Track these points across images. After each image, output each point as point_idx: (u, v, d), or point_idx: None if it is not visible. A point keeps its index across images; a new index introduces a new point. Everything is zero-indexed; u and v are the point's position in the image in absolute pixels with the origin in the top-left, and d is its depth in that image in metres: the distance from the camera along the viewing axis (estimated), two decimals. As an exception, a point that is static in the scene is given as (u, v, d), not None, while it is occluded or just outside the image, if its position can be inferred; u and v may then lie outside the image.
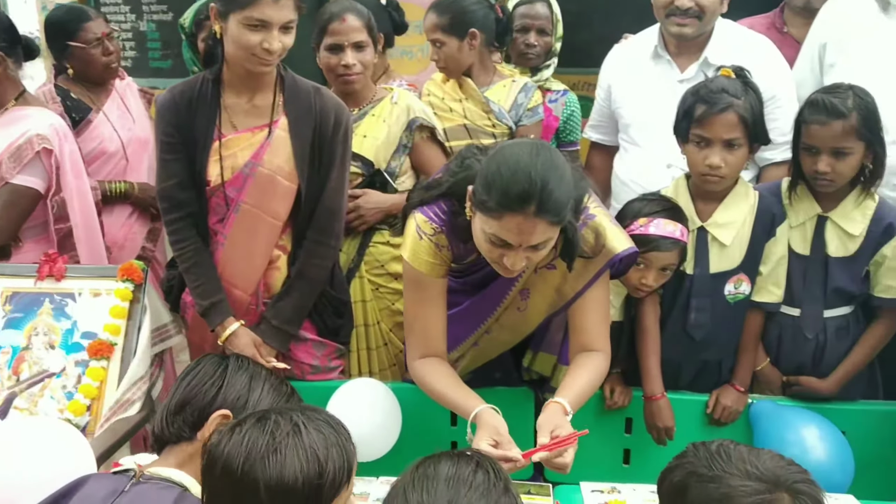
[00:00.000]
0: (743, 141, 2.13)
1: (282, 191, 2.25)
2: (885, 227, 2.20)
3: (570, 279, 1.98)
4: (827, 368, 2.29)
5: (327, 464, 1.20)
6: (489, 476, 1.12)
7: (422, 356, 2.01)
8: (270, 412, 1.25)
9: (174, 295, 2.45)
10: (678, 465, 1.17)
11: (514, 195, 1.66)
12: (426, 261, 1.96)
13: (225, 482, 1.19)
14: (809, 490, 1.09)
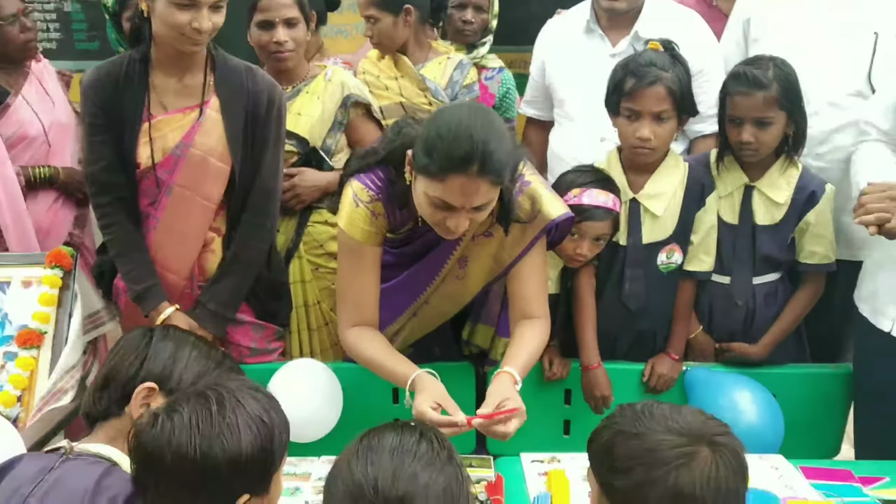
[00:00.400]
0: (671, 113, 2.17)
1: (214, 172, 2.21)
2: (809, 194, 2.27)
3: (507, 246, 2.00)
4: (757, 334, 2.36)
5: (274, 427, 1.24)
6: (433, 446, 1.13)
7: (354, 325, 2.01)
8: (203, 390, 1.25)
9: (106, 281, 2.39)
10: (606, 426, 1.20)
11: (457, 157, 1.68)
12: (362, 228, 1.96)
13: (181, 468, 1.18)
14: (728, 442, 1.13)
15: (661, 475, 1.09)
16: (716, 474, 1.09)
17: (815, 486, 1.88)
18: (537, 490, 1.84)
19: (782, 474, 1.93)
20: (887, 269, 2.14)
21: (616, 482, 1.13)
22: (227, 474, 1.18)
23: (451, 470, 1.12)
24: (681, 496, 1.08)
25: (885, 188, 1.96)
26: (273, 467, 1.25)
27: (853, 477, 1.94)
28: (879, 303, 2.16)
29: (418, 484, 1.07)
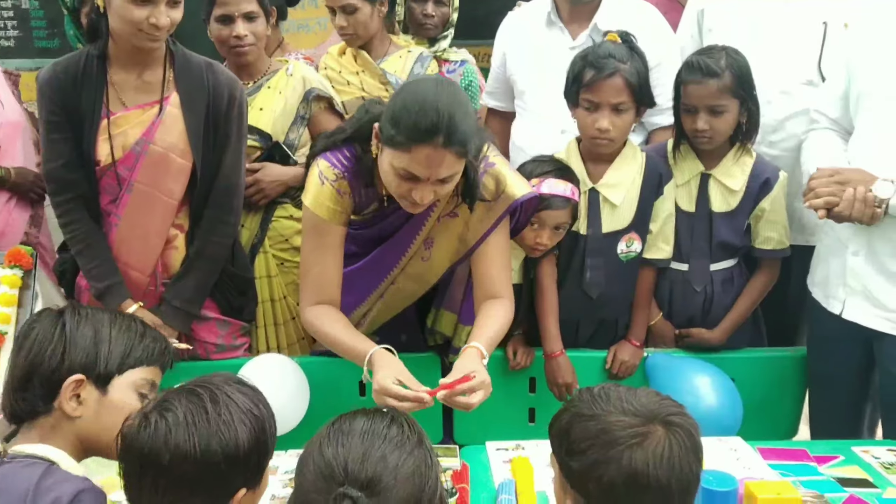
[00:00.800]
0: (630, 105, 2.20)
1: (176, 168, 2.21)
2: (763, 181, 2.32)
3: (472, 226, 2.04)
4: (715, 319, 2.41)
5: (264, 419, 1.25)
6: (403, 430, 1.15)
7: (315, 303, 2.02)
8: (194, 388, 1.24)
9: (68, 279, 2.38)
10: (566, 410, 1.23)
11: (423, 127, 1.72)
12: (327, 206, 1.98)
13: (180, 467, 1.18)
14: (682, 422, 1.16)
15: (615, 455, 1.11)
16: (669, 453, 1.12)
17: (773, 467, 1.93)
18: (502, 477, 1.87)
19: (740, 456, 1.98)
20: (836, 253, 2.19)
21: (573, 463, 1.15)
22: (226, 470, 1.19)
23: (421, 453, 1.13)
24: (635, 475, 1.10)
25: (832, 173, 2.02)
26: (267, 458, 1.26)
27: (809, 456, 1.99)
28: (829, 287, 2.22)
29: (387, 465, 1.08)
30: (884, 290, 2.09)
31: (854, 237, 2.12)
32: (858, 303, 2.13)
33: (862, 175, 2.00)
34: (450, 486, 1.76)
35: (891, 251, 2.07)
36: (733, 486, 1.69)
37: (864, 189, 1.95)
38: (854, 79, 2.16)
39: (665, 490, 1.11)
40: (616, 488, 1.11)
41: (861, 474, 1.91)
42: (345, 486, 1.06)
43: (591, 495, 1.14)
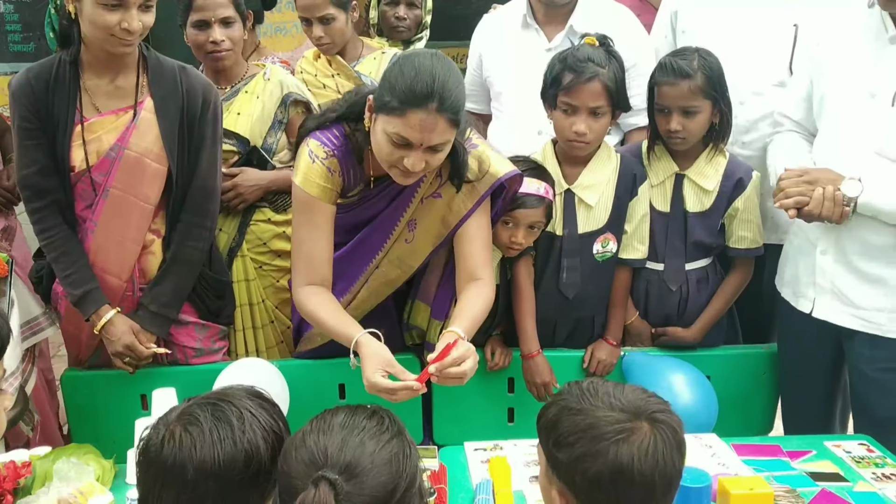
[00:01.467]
0: (606, 109, 2.22)
1: (151, 173, 2.20)
2: (736, 181, 2.35)
3: (454, 207, 2.07)
4: (691, 318, 2.44)
5: (283, 434, 1.27)
6: (383, 422, 1.19)
7: (307, 283, 2.05)
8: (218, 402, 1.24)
9: (45, 286, 2.36)
10: (554, 403, 1.25)
11: (418, 91, 1.77)
12: (318, 184, 2.01)
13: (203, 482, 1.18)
14: (667, 419, 1.18)
15: (602, 449, 1.14)
16: (654, 449, 1.14)
17: (746, 462, 1.96)
18: (480, 477, 1.88)
19: (715, 452, 2.01)
20: (805, 252, 2.23)
21: (560, 455, 1.18)
22: (247, 486, 1.21)
23: (399, 443, 1.17)
24: (620, 469, 1.13)
25: (801, 173, 2.05)
26: None
27: (782, 452, 2.02)
28: (799, 286, 2.25)
29: (364, 451, 1.12)
30: (853, 288, 2.12)
31: (823, 236, 2.15)
32: (828, 301, 2.17)
33: (830, 174, 2.03)
34: (428, 487, 1.77)
35: (859, 249, 2.10)
36: (707, 483, 1.71)
37: (832, 188, 1.99)
38: (817, 81, 2.19)
39: (649, 484, 1.14)
40: (601, 481, 1.13)
41: (833, 468, 1.94)
42: (324, 469, 1.10)
43: (577, 487, 1.16)
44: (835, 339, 2.23)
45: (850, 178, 2.00)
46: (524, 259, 2.33)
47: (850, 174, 2.02)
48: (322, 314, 2.02)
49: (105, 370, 2.33)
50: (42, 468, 1.81)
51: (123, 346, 2.21)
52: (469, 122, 2.01)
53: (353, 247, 2.15)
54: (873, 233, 2.07)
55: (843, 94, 2.11)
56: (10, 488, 1.75)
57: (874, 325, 2.11)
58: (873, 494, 1.83)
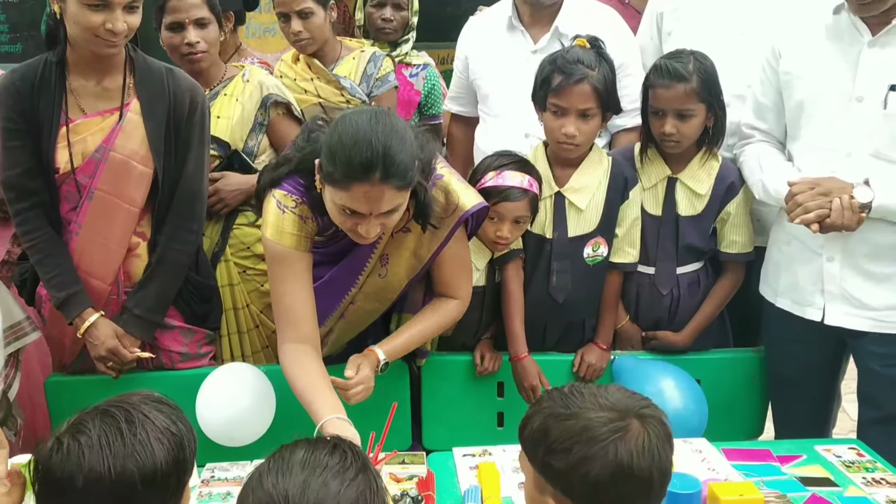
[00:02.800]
0: (596, 111, 2.21)
1: (137, 176, 2.18)
2: (729, 185, 2.34)
3: (425, 241, 2.03)
4: (681, 322, 2.43)
5: (182, 436, 1.22)
6: (346, 457, 1.12)
7: (290, 341, 1.98)
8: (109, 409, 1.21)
9: (28, 289, 2.33)
10: (536, 412, 1.23)
11: (358, 164, 1.69)
12: (291, 234, 1.94)
13: (95, 491, 1.15)
14: (654, 413, 1.19)
15: (601, 450, 1.13)
16: (648, 444, 1.15)
17: (737, 467, 1.95)
18: (468, 483, 1.86)
19: (705, 457, 2.00)
20: (805, 261, 2.21)
21: (555, 462, 1.16)
22: (144, 490, 1.16)
23: (365, 479, 1.11)
24: (620, 467, 1.13)
25: (811, 185, 2.04)
26: (186, 476, 1.24)
27: (772, 456, 2.01)
28: (802, 295, 2.22)
29: (329, 492, 1.05)
30: (864, 291, 2.12)
31: (827, 243, 2.14)
32: (839, 307, 2.16)
33: (838, 183, 2.02)
34: (416, 494, 1.76)
35: (867, 251, 2.10)
36: (696, 489, 1.71)
37: (848, 197, 1.98)
38: (788, 90, 2.19)
39: (647, 479, 1.15)
40: (602, 482, 1.13)
41: (823, 473, 1.94)
42: None
43: (576, 492, 1.15)
44: (836, 341, 2.23)
45: (859, 184, 2.00)
46: (514, 262, 2.32)
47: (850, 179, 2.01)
48: (298, 383, 1.91)
49: (89, 375, 2.30)
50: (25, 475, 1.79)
51: (107, 350, 2.18)
52: (434, 153, 1.94)
53: (323, 284, 2.09)
54: (880, 233, 2.07)
55: (825, 100, 2.11)
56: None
57: (887, 324, 2.11)
58: (863, 499, 1.82)
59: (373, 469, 1.14)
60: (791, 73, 2.17)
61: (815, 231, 2.01)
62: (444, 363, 2.41)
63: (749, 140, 2.34)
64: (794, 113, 2.19)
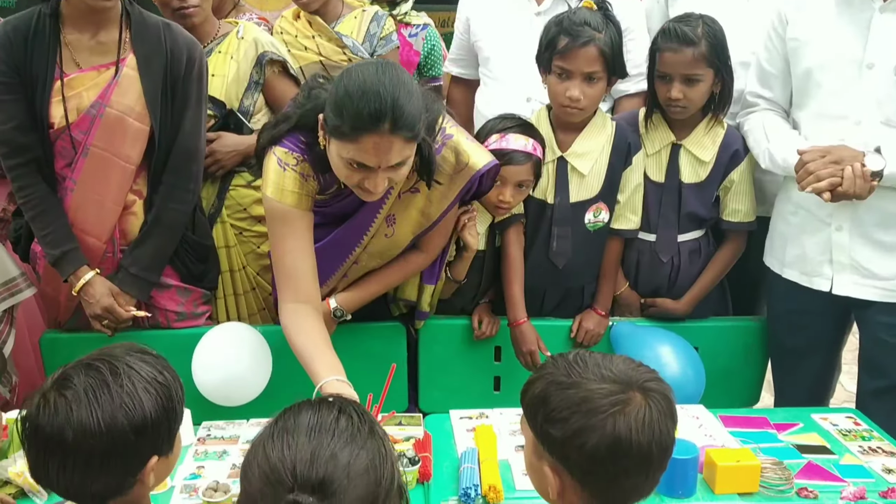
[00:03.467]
0: (602, 74, 2.18)
1: (133, 132, 2.14)
2: (733, 153, 2.32)
3: (434, 200, 2.01)
4: (681, 289, 2.42)
5: (170, 386, 1.22)
6: (353, 420, 1.07)
7: (291, 301, 1.95)
8: (93, 363, 1.20)
9: (23, 245, 2.30)
10: (539, 377, 1.21)
11: (367, 115, 1.66)
12: (292, 192, 1.91)
13: (86, 444, 1.14)
14: (658, 387, 1.16)
15: (598, 422, 1.11)
16: (650, 418, 1.12)
17: (733, 434, 1.95)
18: (465, 446, 1.86)
19: (702, 423, 2.00)
20: (812, 230, 2.19)
21: (552, 431, 1.14)
22: (136, 440, 1.16)
23: (374, 444, 1.06)
24: (618, 441, 1.11)
25: (823, 153, 2.01)
26: (177, 424, 1.24)
27: (769, 424, 2.02)
28: (810, 266, 2.21)
29: (338, 464, 1.01)
30: (873, 261, 2.11)
31: (836, 213, 2.12)
32: (847, 277, 2.15)
33: (850, 151, 2.00)
34: (413, 455, 1.76)
35: (877, 220, 2.09)
36: (694, 454, 1.71)
37: (859, 165, 1.95)
38: (796, 58, 2.15)
39: (646, 455, 1.12)
40: (599, 455, 1.11)
41: (819, 441, 1.94)
42: (294, 491, 0.99)
43: (572, 462, 1.13)
44: (842, 312, 2.22)
45: (870, 151, 1.97)
46: (514, 226, 2.30)
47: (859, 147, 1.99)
48: (298, 342, 1.88)
49: (84, 332, 2.28)
50: (13, 429, 1.78)
51: (102, 308, 2.16)
52: (440, 111, 1.91)
53: (327, 244, 2.06)
54: (890, 202, 2.05)
55: (835, 67, 2.08)
56: (-15, 451, 1.72)
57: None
58: (859, 467, 1.83)
59: (380, 431, 1.10)
60: (798, 39, 2.14)
61: (827, 200, 1.98)
62: (441, 327, 2.40)
63: (753, 108, 2.31)
64: (801, 81, 2.16)
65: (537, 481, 1.21)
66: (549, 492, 1.16)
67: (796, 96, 2.21)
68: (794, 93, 2.21)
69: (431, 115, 1.82)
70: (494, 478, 1.69)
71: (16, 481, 1.66)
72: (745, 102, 2.33)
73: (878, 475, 1.80)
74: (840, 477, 1.78)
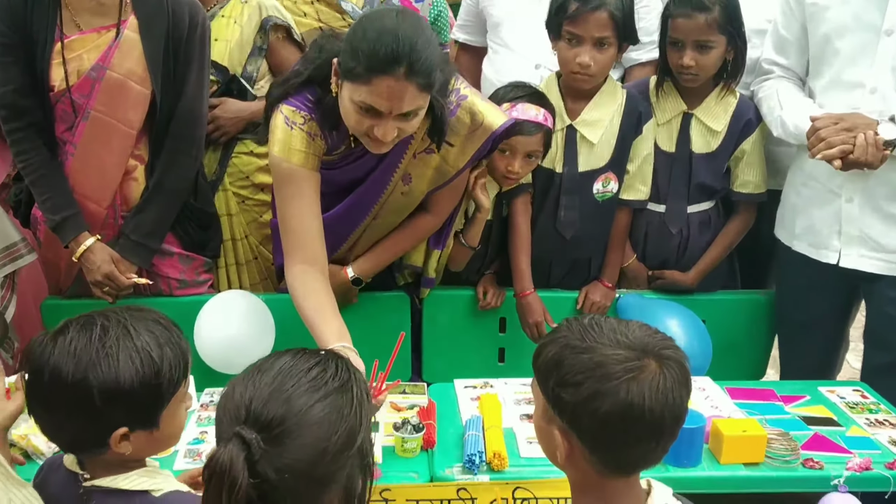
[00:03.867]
0: (613, 40, 2.13)
1: (134, 96, 2.11)
2: (745, 122, 2.28)
3: (450, 159, 1.99)
4: (690, 261, 2.39)
5: (163, 362, 1.18)
6: (326, 373, 1.06)
7: (299, 262, 1.91)
8: (95, 316, 1.19)
9: (23, 211, 2.28)
10: (552, 340, 1.19)
11: (383, 56, 1.63)
12: (299, 151, 1.88)
13: (57, 391, 1.15)
14: (674, 355, 1.14)
15: (612, 388, 1.09)
16: (663, 386, 1.10)
17: (740, 406, 1.94)
18: (469, 414, 1.85)
19: (709, 395, 1.98)
20: (822, 202, 2.16)
21: (565, 395, 1.12)
22: (102, 404, 1.14)
23: (338, 400, 1.04)
24: (631, 407, 1.09)
25: (836, 120, 1.97)
26: (158, 402, 1.19)
27: (775, 396, 2.01)
28: (819, 238, 2.18)
29: (291, 408, 1.00)
30: (882, 233, 2.08)
31: (847, 184, 2.09)
32: (855, 249, 2.12)
33: (863, 119, 1.96)
34: (417, 423, 1.74)
35: (888, 192, 2.06)
36: (701, 424, 1.70)
37: (872, 133, 1.91)
38: (813, 24, 2.11)
39: (658, 422, 1.10)
40: (611, 420, 1.09)
41: (826, 413, 1.93)
42: (242, 425, 0.99)
43: (583, 427, 1.12)
44: (850, 286, 2.19)
45: (884, 120, 1.93)
46: (522, 196, 2.27)
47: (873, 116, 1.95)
48: (304, 306, 1.86)
49: (86, 299, 2.26)
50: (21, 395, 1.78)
51: (103, 275, 2.14)
52: (453, 72, 1.88)
53: (345, 208, 2.05)
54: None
55: (852, 33, 2.04)
56: (-14, 414, 1.71)
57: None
58: (866, 439, 1.82)
59: (357, 394, 1.07)
60: (818, 3, 2.09)
61: (838, 167, 1.95)
62: (446, 297, 2.38)
63: (768, 76, 2.27)
64: (818, 47, 2.12)
65: (546, 445, 1.19)
66: (557, 455, 1.14)
67: (813, 64, 2.16)
68: (811, 60, 2.16)
69: (445, 75, 1.79)
70: (499, 445, 1.68)
71: (19, 443, 1.66)
72: (761, 70, 2.29)
73: (884, 447, 1.78)
74: (846, 448, 1.77)
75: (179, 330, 1.24)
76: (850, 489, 1.65)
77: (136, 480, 1.20)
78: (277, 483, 0.97)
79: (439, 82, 1.75)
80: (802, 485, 1.70)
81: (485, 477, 1.64)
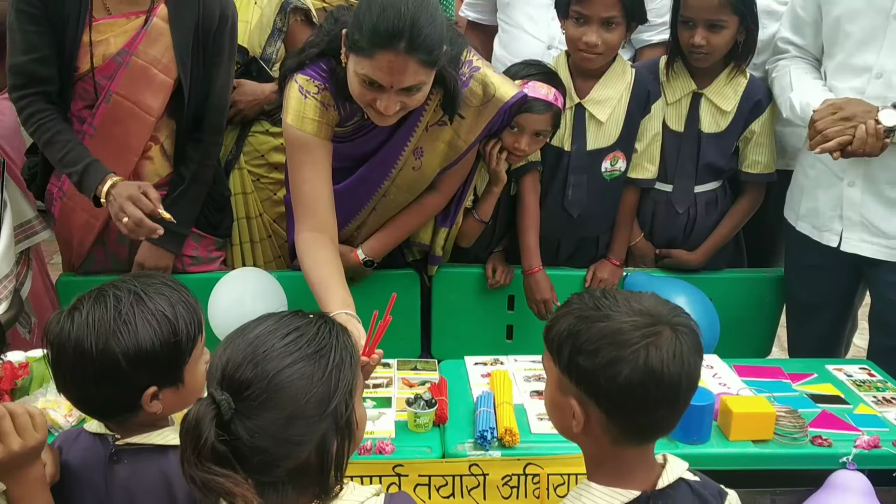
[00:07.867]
0: (621, 20, 2.13)
1: (157, 84, 2.12)
2: (755, 103, 2.28)
3: (462, 132, 2.00)
4: (697, 240, 2.41)
5: (178, 321, 1.22)
6: (303, 338, 1.05)
7: (308, 229, 1.94)
8: (106, 288, 1.23)
9: (38, 183, 2.28)
10: (565, 314, 1.21)
11: (384, 31, 1.65)
12: (312, 120, 1.91)
13: (82, 364, 1.19)
14: (686, 323, 1.17)
15: (631, 353, 1.11)
16: (680, 351, 1.13)
17: (748, 383, 1.95)
18: (480, 390, 1.87)
19: (717, 372, 2.00)
20: (826, 185, 2.17)
21: (584, 363, 1.15)
22: (129, 369, 1.18)
23: (308, 367, 1.04)
24: (651, 372, 1.11)
25: (833, 110, 1.96)
26: (181, 360, 1.24)
27: (783, 374, 2.02)
28: (822, 220, 2.19)
29: (259, 372, 1.03)
30: (883, 219, 2.09)
31: (849, 168, 2.10)
32: (857, 234, 2.13)
33: (863, 106, 1.96)
34: (429, 398, 1.77)
35: (890, 178, 2.06)
36: (710, 401, 1.71)
37: (873, 122, 1.91)
38: (827, 5, 2.10)
39: (676, 386, 1.13)
40: (631, 386, 1.11)
41: (833, 391, 1.95)
42: (215, 386, 1.03)
43: (602, 393, 1.14)
44: (853, 269, 2.20)
45: (884, 106, 1.93)
46: (531, 174, 2.28)
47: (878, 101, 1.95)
48: (311, 272, 1.87)
49: (100, 276, 2.29)
50: (39, 370, 1.81)
51: (128, 195, 1.99)
52: (465, 45, 1.90)
53: (357, 180, 2.07)
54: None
55: (862, 16, 2.03)
56: (7, 388, 1.74)
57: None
58: (874, 417, 1.83)
59: (334, 359, 1.06)
60: None
61: (837, 158, 1.96)
62: (455, 275, 2.40)
63: (783, 55, 2.26)
64: (830, 29, 2.11)
65: (559, 418, 1.21)
66: (572, 426, 1.16)
67: (826, 46, 2.16)
68: (825, 42, 2.16)
69: (456, 48, 1.80)
70: (510, 421, 1.71)
71: None
72: (776, 49, 2.29)
73: (892, 424, 1.80)
74: (854, 426, 1.78)
75: (187, 289, 1.28)
76: (858, 466, 1.67)
77: (169, 436, 1.26)
78: (249, 442, 1.01)
79: (450, 59, 1.76)
80: (811, 462, 1.72)
81: (496, 453, 1.67)
